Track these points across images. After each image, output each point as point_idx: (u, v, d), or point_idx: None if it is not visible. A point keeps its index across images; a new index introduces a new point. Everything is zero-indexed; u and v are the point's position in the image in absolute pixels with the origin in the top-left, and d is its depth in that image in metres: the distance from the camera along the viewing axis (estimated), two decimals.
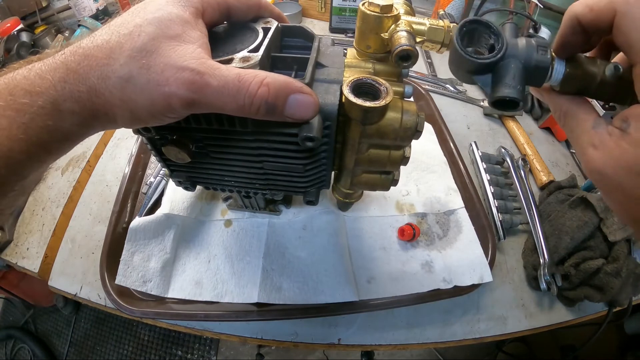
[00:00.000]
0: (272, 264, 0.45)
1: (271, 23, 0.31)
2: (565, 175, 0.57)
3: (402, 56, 0.27)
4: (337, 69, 0.30)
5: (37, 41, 0.83)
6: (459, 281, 0.45)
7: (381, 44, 0.29)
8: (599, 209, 0.46)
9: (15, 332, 1.24)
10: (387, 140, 0.30)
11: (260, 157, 0.31)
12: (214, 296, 0.43)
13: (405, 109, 0.29)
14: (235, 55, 0.26)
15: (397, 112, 0.29)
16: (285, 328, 0.45)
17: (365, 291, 0.44)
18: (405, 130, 0.29)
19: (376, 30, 0.29)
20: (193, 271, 0.45)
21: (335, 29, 0.91)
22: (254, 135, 0.28)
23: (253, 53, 0.27)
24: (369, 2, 0.28)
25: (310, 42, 0.33)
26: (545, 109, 0.70)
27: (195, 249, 0.47)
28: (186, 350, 1.20)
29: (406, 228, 0.48)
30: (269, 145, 0.29)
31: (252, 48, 0.27)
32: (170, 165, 0.36)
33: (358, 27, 0.30)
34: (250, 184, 0.37)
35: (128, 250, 0.45)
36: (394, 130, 0.29)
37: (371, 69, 0.31)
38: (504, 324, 0.47)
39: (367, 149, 0.31)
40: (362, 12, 0.28)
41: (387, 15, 0.28)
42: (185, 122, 0.27)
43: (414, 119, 0.29)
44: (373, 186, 0.36)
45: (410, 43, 0.26)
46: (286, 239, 0.48)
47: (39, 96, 0.20)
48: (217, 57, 0.26)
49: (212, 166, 0.34)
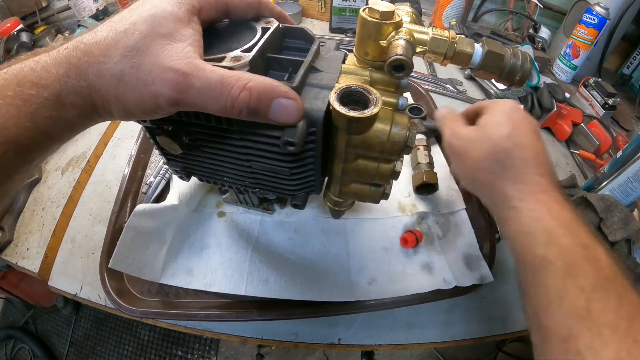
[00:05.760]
0: (260, 257, 0.46)
1: (271, 23, 0.30)
2: (565, 175, 0.57)
3: (395, 66, 0.26)
4: (332, 74, 0.29)
5: (37, 41, 0.83)
6: (460, 281, 0.45)
7: (380, 51, 0.29)
8: (599, 209, 0.46)
9: (15, 332, 1.24)
10: (373, 153, 0.29)
11: (248, 156, 0.31)
12: (203, 285, 0.44)
13: (396, 122, 0.28)
14: (228, 54, 0.26)
15: (386, 125, 0.28)
16: (285, 328, 0.45)
17: (366, 293, 0.44)
18: (393, 144, 0.28)
19: (375, 37, 0.28)
20: (186, 260, 0.46)
21: (335, 29, 0.91)
22: (240, 134, 0.28)
23: (245, 53, 0.26)
24: (369, 7, 0.27)
25: (309, 44, 0.32)
26: (545, 109, 0.70)
27: (190, 238, 0.48)
28: (186, 350, 1.20)
29: (407, 236, 0.47)
30: (255, 145, 0.29)
31: (246, 48, 0.27)
32: (166, 154, 0.36)
33: (357, 33, 0.29)
34: (240, 181, 0.37)
35: (127, 235, 0.44)
36: (380, 142, 0.28)
37: (368, 77, 0.30)
38: (504, 324, 0.47)
39: (354, 158, 0.31)
40: (361, 18, 0.28)
41: (387, 22, 0.27)
42: (178, 115, 0.27)
43: (404, 133, 0.28)
44: (362, 197, 0.35)
45: (407, 53, 0.26)
46: (276, 238, 0.48)
47: (45, 89, 0.21)
48: (211, 55, 0.26)
49: (203, 160, 0.35)
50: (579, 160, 0.67)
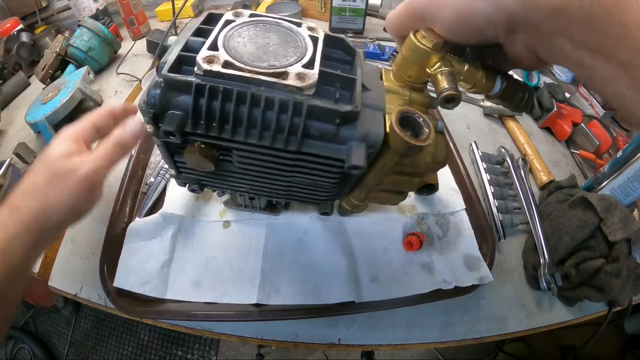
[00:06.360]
0: (272, 265, 0.45)
1: (317, 31, 0.29)
2: (565, 175, 0.57)
3: (448, 99, 0.27)
4: (379, 94, 0.30)
5: (37, 41, 0.83)
6: (460, 282, 0.45)
7: (422, 75, 0.30)
8: (599, 208, 0.46)
9: (15, 332, 1.24)
10: (417, 169, 0.32)
11: (293, 173, 0.31)
12: (213, 297, 0.43)
13: (439, 144, 0.31)
14: (289, 69, 0.25)
15: (432, 146, 0.30)
16: (285, 328, 0.45)
17: (368, 290, 0.44)
18: (436, 164, 0.31)
19: (422, 64, 0.29)
20: (192, 272, 0.45)
21: (335, 29, 0.90)
22: (297, 154, 0.28)
23: (307, 70, 0.25)
24: (422, 34, 0.27)
25: (350, 56, 0.31)
26: (545, 109, 0.70)
27: (194, 250, 0.47)
28: (186, 350, 1.20)
29: (411, 239, 0.47)
30: (308, 164, 0.29)
31: (306, 62, 0.25)
32: (180, 168, 0.35)
33: (404, 56, 0.29)
34: (268, 192, 0.37)
35: (126, 252, 0.45)
36: (426, 163, 0.31)
37: (407, 97, 0.31)
38: (504, 324, 0.47)
39: (393, 173, 0.32)
40: (412, 43, 0.28)
41: (436, 52, 0.28)
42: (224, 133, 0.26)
43: (444, 153, 0.31)
44: (384, 202, 0.38)
45: (455, 86, 0.27)
46: (286, 241, 0.48)
47: None
48: (263, 66, 0.24)
49: (233, 174, 0.33)
50: (579, 160, 0.67)
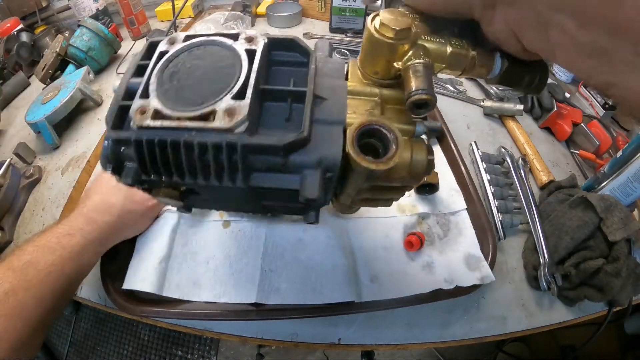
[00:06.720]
0: (271, 265, 0.45)
1: (256, 41, 0.24)
2: (565, 175, 0.57)
3: (418, 104, 0.22)
4: (339, 102, 0.25)
5: (37, 41, 0.83)
6: (460, 281, 0.45)
7: (391, 70, 0.25)
8: (599, 208, 0.46)
9: None
10: (393, 183, 0.28)
11: (260, 199, 0.30)
12: (212, 297, 0.43)
13: (415, 151, 0.25)
14: (217, 106, 0.20)
15: (406, 156, 0.25)
16: (285, 328, 0.45)
17: (368, 290, 0.44)
18: (413, 176, 0.26)
19: (388, 58, 0.24)
20: (191, 271, 0.45)
21: (335, 29, 0.90)
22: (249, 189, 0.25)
23: (238, 102, 0.21)
24: (381, 22, 0.22)
25: (306, 57, 0.26)
26: (545, 109, 0.70)
27: (193, 249, 0.47)
28: (186, 350, 1.20)
29: (412, 239, 0.47)
30: (269, 193, 0.27)
31: (236, 91, 0.21)
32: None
33: (365, 50, 0.25)
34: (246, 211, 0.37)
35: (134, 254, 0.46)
36: (401, 176, 0.26)
37: (378, 97, 0.26)
38: (504, 324, 0.47)
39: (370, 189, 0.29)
40: (370, 35, 0.23)
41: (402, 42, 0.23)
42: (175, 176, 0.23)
43: (424, 162, 0.25)
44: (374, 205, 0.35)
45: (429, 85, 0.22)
46: (286, 240, 0.48)
47: None
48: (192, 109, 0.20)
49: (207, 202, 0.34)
50: (579, 160, 0.67)
